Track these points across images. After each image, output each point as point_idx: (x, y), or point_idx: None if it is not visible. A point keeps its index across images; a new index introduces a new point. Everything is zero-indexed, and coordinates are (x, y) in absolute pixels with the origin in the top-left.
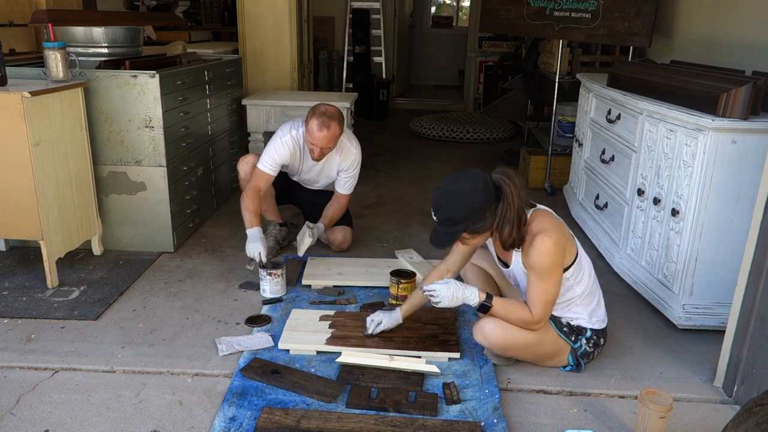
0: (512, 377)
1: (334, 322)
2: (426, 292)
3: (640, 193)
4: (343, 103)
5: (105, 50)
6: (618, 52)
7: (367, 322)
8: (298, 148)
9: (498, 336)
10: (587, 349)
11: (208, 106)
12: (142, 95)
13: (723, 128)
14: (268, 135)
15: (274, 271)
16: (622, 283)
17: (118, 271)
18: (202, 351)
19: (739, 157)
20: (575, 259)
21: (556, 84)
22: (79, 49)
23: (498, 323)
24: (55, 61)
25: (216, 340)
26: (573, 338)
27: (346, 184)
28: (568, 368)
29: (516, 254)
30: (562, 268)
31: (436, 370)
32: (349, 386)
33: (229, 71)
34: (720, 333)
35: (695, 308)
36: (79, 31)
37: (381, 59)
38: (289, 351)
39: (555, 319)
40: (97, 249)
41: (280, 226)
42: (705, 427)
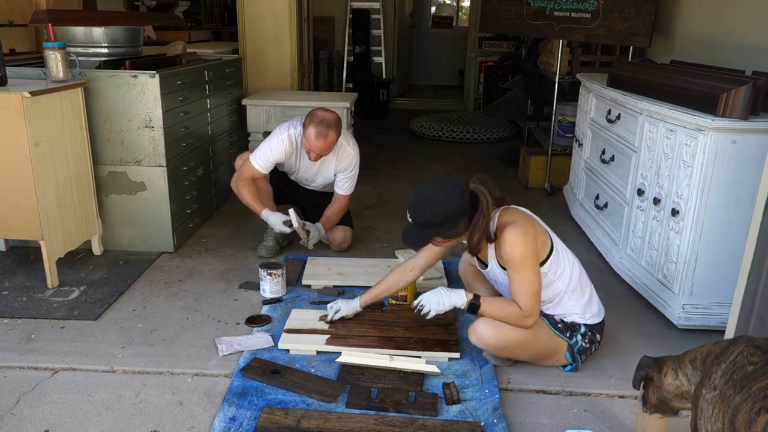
0: (512, 377)
1: (334, 322)
2: (415, 308)
3: (640, 193)
4: (343, 103)
5: (105, 50)
6: (618, 52)
7: (328, 310)
8: (295, 148)
9: (491, 336)
10: (583, 345)
11: (208, 106)
12: (142, 95)
13: (723, 128)
14: (268, 135)
15: (274, 271)
16: (622, 283)
17: (118, 271)
18: (202, 351)
19: (739, 157)
20: (550, 252)
21: (556, 84)
22: (79, 49)
23: (491, 324)
24: (55, 61)
25: (216, 340)
26: (568, 334)
27: (345, 185)
28: (568, 368)
29: (491, 255)
30: (537, 258)
31: (436, 370)
32: (349, 386)
33: (229, 71)
34: (720, 333)
35: (695, 308)
36: (79, 31)
37: (381, 59)
38: (289, 351)
39: (548, 317)
40: (97, 249)
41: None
42: None
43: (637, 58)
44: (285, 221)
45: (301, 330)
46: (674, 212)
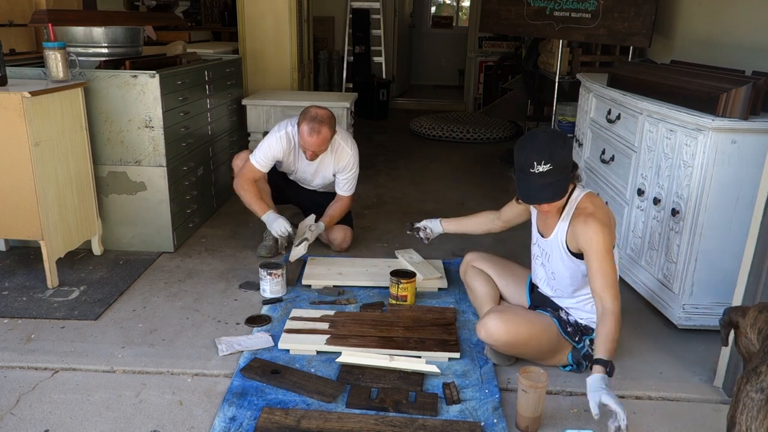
0: (512, 377)
1: (334, 322)
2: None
3: (640, 193)
4: (343, 103)
5: (105, 50)
6: (618, 52)
7: (419, 228)
8: (293, 146)
9: (502, 332)
10: (590, 350)
11: (208, 106)
12: (142, 95)
13: (723, 128)
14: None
15: (274, 271)
16: (622, 283)
17: (118, 271)
18: (202, 351)
19: (739, 157)
20: (614, 246)
21: (556, 84)
22: (79, 49)
23: (502, 319)
24: (55, 61)
25: (216, 340)
26: (576, 338)
27: (345, 186)
28: (568, 368)
29: (560, 226)
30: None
31: (436, 370)
32: (349, 386)
33: (229, 71)
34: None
35: (695, 308)
36: (79, 31)
37: (381, 59)
38: (289, 351)
39: (560, 320)
40: (97, 249)
41: None
42: (705, 427)
43: (637, 58)
44: (281, 233)
45: (301, 330)
46: (674, 212)
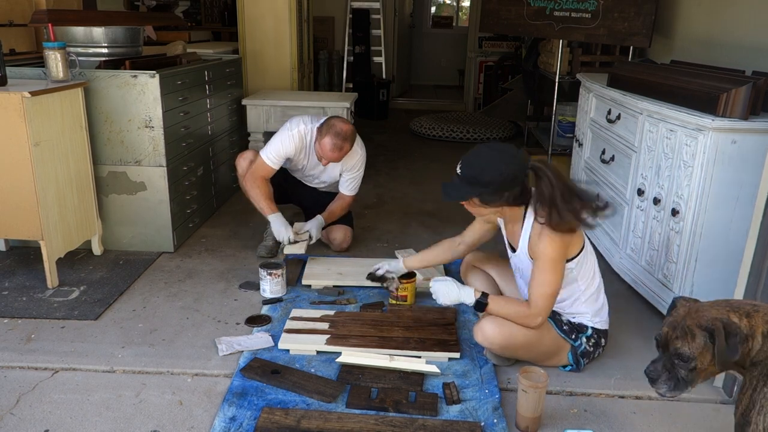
0: (512, 377)
1: (334, 322)
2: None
3: (640, 193)
4: (343, 103)
5: (105, 50)
6: (618, 52)
7: (376, 269)
8: (305, 145)
9: (498, 335)
10: (587, 348)
11: (208, 106)
12: (142, 95)
13: (723, 128)
14: (268, 135)
15: (274, 271)
16: (622, 282)
17: (118, 271)
18: (202, 351)
19: (739, 157)
20: (581, 250)
21: (556, 84)
22: (79, 49)
23: (498, 323)
24: (55, 61)
25: (216, 340)
26: (573, 336)
27: (350, 185)
28: (569, 368)
29: (524, 240)
30: (563, 262)
31: (436, 370)
32: (349, 386)
33: (229, 71)
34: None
35: None
36: (79, 31)
37: (381, 59)
38: (289, 351)
39: (555, 318)
40: (97, 249)
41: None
42: (705, 427)
43: (637, 58)
44: (282, 239)
45: (301, 330)
46: (674, 212)
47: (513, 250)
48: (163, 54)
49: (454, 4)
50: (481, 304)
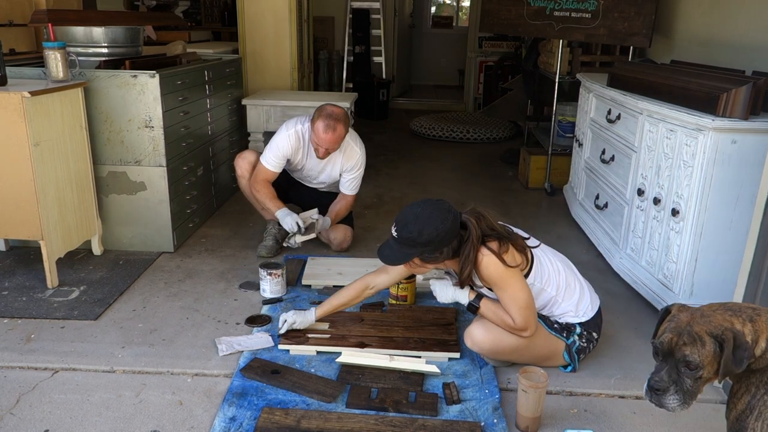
0: (512, 377)
1: (334, 322)
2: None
3: (640, 193)
4: (343, 103)
5: (105, 50)
6: (618, 52)
7: (280, 320)
8: (303, 145)
9: (486, 341)
10: (581, 344)
11: (208, 106)
12: (142, 95)
13: (723, 128)
14: (268, 135)
15: (274, 271)
16: (622, 283)
17: (118, 271)
18: (202, 351)
19: (739, 157)
20: (531, 263)
21: (556, 84)
22: (79, 49)
23: (486, 328)
24: (55, 61)
25: (216, 340)
26: (565, 334)
27: (351, 185)
28: (569, 368)
29: (477, 281)
30: (519, 272)
31: (436, 370)
32: (349, 386)
33: (229, 71)
34: None
35: None
36: (79, 31)
37: (381, 59)
38: (289, 351)
39: (544, 319)
40: (97, 249)
41: (279, 226)
42: (705, 427)
43: (637, 58)
44: (293, 228)
45: (300, 332)
46: (674, 212)
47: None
48: (163, 54)
49: (454, 4)
50: (473, 307)
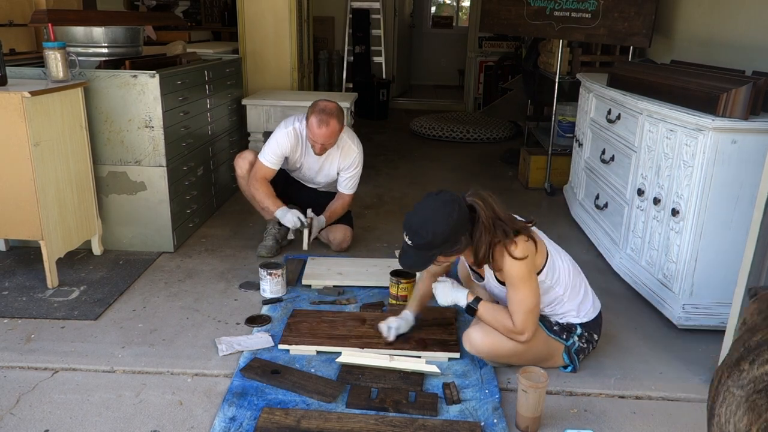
0: (512, 377)
1: (334, 322)
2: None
3: (640, 193)
4: (343, 103)
5: (105, 50)
6: (618, 52)
7: (383, 330)
8: (300, 142)
9: (484, 344)
10: (581, 345)
11: (208, 106)
12: (142, 95)
13: (723, 128)
14: (268, 135)
15: (274, 271)
16: (622, 283)
17: (118, 271)
18: (202, 351)
19: (739, 157)
20: (546, 261)
21: (556, 84)
22: (79, 49)
23: (485, 332)
24: (55, 61)
25: (216, 340)
26: (564, 336)
27: (348, 184)
28: (569, 369)
29: (488, 269)
30: (535, 275)
31: (436, 370)
32: (349, 386)
33: (229, 71)
34: (720, 333)
35: (695, 308)
36: (79, 31)
37: (381, 59)
38: (289, 351)
39: (544, 320)
40: (97, 249)
41: (279, 226)
42: (705, 427)
43: (637, 58)
44: (295, 223)
45: (302, 333)
46: (674, 212)
47: (481, 279)
48: (163, 54)
49: (454, 4)
50: (472, 309)
